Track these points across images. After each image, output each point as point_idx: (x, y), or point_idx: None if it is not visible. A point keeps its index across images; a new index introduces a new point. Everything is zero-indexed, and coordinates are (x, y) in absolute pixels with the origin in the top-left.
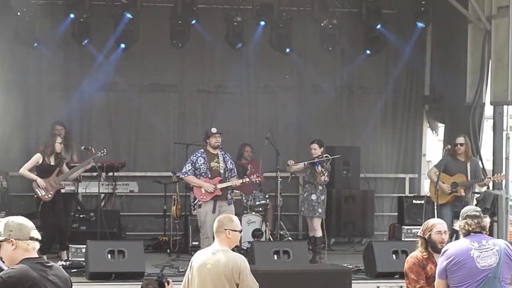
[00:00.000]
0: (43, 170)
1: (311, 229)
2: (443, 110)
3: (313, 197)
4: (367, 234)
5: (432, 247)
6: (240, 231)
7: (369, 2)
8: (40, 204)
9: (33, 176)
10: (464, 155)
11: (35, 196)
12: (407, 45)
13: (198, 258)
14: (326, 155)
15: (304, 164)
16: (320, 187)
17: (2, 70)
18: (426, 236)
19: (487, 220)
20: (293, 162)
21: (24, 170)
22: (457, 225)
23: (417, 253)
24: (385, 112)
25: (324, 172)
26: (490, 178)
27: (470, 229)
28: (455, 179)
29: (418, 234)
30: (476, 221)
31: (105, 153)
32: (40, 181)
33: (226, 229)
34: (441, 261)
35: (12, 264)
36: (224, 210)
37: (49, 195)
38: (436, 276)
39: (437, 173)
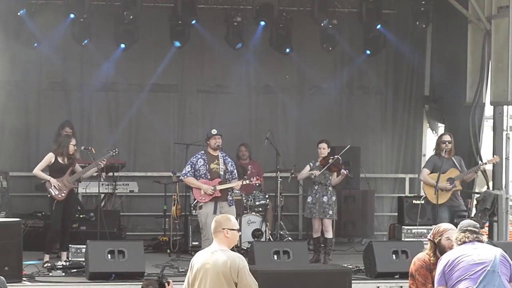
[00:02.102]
0: (55, 170)
1: (317, 230)
2: (443, 110)
3: (325, 198)
4: (367, 234)
5: (441, 252)
6: (238, 230)
7: (369, 2)
8: (54, 204)
9: (46, 176)
10: (449, 152)
11: (49, 195)
12: (407, 45)
13: (198, 259)
14: (337, 156)
15: (310, 165)
16: (330, 188)
17: (2, 70)
18: (436, 241)
19: (484, 238)
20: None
21: (37, 171)
22: (454, 237)
23: (425, 256)
24: (385, 112)
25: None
26: (486, 163)
27: (467, 241)
28: (449, 175)
29: (428, 237)
30: (475, 235)
31: (116, 153)
32: (53, 181)
33: (224, 228)
34: (438, 269)
35: None
36: (225, 211)
37: (62, 194)
38: (435, 284)
39: (430, 174)
